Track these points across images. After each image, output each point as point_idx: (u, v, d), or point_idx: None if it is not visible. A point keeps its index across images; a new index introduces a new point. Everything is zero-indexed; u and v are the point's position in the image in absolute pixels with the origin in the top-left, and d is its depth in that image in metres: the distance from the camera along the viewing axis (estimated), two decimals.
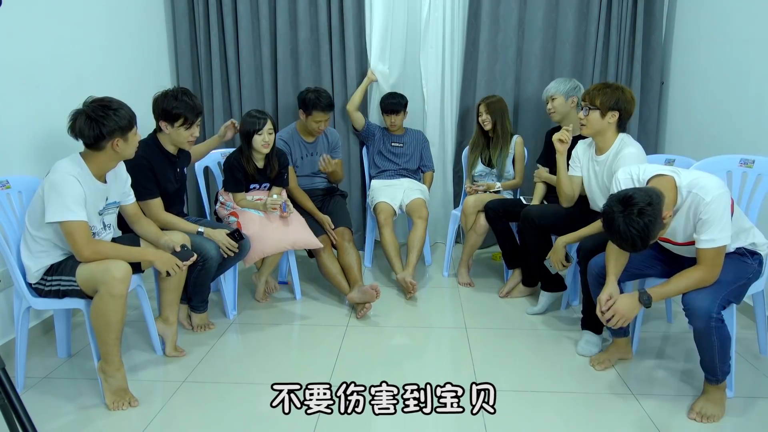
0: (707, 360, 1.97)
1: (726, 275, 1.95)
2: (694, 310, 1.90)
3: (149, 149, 2.48)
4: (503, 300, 3.08)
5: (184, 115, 2.47)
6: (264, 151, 2.85)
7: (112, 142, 2.03)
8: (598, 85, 2.52)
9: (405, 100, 3.55)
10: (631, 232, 1.75)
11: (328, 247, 3.03)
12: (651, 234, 1.76)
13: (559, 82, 3.07)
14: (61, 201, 1.95)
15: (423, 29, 3.68)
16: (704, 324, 1.88)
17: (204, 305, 2.71)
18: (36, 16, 2.48)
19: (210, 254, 2.48)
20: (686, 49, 3.41)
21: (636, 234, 1.75)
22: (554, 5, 3.60)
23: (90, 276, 2.01)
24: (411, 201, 3.36)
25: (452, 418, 1.97)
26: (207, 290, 2.68)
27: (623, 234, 1.77)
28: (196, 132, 2.55)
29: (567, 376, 2.29)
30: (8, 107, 2.33)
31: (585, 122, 2.52)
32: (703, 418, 1.97)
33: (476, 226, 3.19)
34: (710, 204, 1.87)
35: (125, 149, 2.09)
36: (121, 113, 2.03)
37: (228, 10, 3.60)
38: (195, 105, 2.50)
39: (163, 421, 1.99)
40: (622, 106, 2.46)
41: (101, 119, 1.98)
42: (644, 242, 1.77)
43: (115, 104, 2.05)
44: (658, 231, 1.80)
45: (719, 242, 1.89)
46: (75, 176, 1.99)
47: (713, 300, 1.89)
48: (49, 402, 2.10)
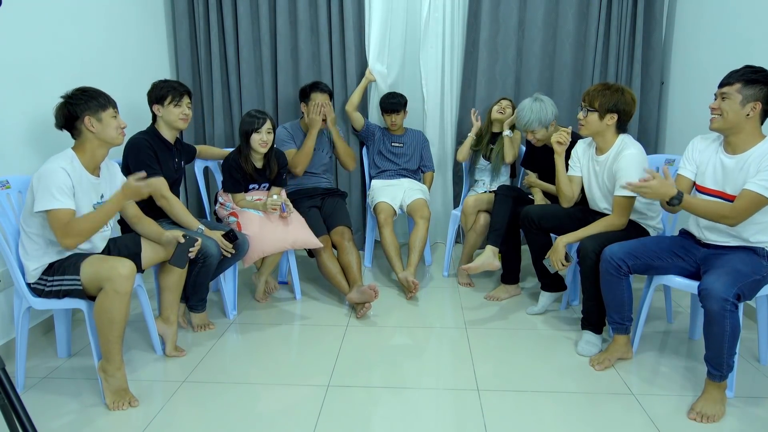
0: (715, 350, 1.95)
1: (744, 266, 1.98)
2: (710, 290, 1.90)
3: (149, 137, 2.60)
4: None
5: (171, 93, 2.61)
6: (262, 151, 2.85)
7: (85, 122, 2.06)
8: (598, 86, 2.51)
9: (404, 100, 3.55)
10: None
11: (328, 247, 3.04)
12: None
13: (533, 112, 2.87)
14: (46, 191, 1.96)
15: (423, 29, 3.68)
16: (719, 306, 1.88)
17: (202, 304, 2.71)
18: (36, 15, 2.48)
19: (211, 251, 2.49)
20: (686, 49, 3.41)
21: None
22: (554, 5, 3.61)
23: (95, 274, 2.01)
24: (412, 201, 3.36)
25: (452, 417, 1.97)
26: (205, 289, 2.68)
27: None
28: (186, 110, 2.67)
29: (567, 376, 2.29)
30: (8, 107, 2.33)
31: (584, 123, 2.52)
32: (703, 418, 1.96)
33: (476, 225, 3.20)
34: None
35: (102, 130, 2.09)
36: (92, 94, 2.09)
37: (228, 10, 3.60)
38: (179, 86, 2.67)
39: (163, 421, 1.99)
40: (622, 108, 2.46)
41: (71, 100, 2.06)
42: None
43: (90, 90, 2.10)
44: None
45: (764, 191, 1.96)
46: (63, 167, 2.00)
47: (730, 285, 1.90)
48: (49, 402, 2.10)
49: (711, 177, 2.19)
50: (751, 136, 2.06)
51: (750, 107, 2.02)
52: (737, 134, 2.08)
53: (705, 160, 2.22)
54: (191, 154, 2.97)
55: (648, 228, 2.58)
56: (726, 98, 2.07)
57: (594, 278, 2.39)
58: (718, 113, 2.10)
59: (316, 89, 3.24)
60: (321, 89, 3.25)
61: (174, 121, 2.64)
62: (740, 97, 2.03)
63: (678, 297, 3.05)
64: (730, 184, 2.11)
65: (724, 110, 2.07)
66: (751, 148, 2.05)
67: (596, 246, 2.36)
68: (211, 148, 3.17)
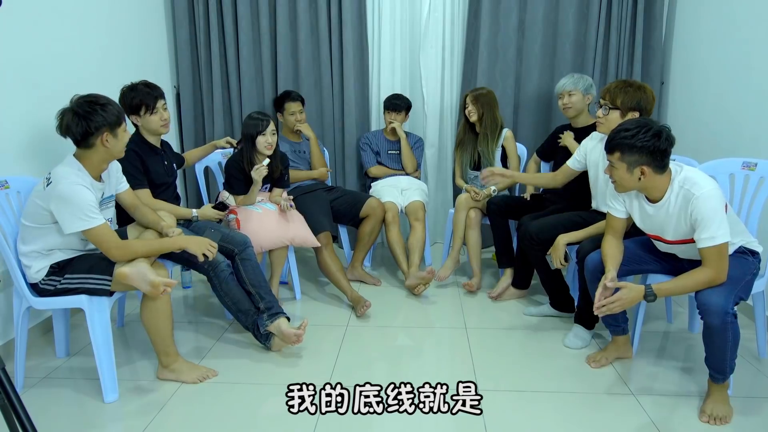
0: (718, 357, 1.94)
1: (734, 272, 1.96)
2: (709, 306, 1.88)
3: (135, 145, 2.50)
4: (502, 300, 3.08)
5: (144, 102, 2.49)
6: (267, 152, 2.85)
7: (101, 138, 2.03)
8: (619, 83, 2.42)
9: (409, 103, 3.55)
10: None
11: (329, 245, 3.04)
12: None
13: (575, 78, 3.00)
14: (79, 212, 1.96)
15: (423, 29, 3.68)
16: (720, 320, 1.86)
17: (274, 306, 2.45)
18: (36, 16, 2.48)
19: (216, 259, 2.37)
20: (686, 49, 3.41)
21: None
22: (554, 5, 3.60)
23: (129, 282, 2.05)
24: (410, 203, 3.36)
25: (452, 418, 1.97)
26: (259, 291, 2.45)
27: None
28: (165, 114, 2.56)
29: (567, 376, 2.28)
30: (7, 107, 2.33)
31: (603, 121, 2.45)
32: (716, 421, 1.94)
33: (469, 221, 3.18)
34: (700, 199, 1.89)
35: (115, 145, 2.07)
36: (109, 108, 2.03)
37: (228, 10, 3.60)
38: (152, 91, 2.52)
39: (163, 421, 1.98)
40: (644, 107, 2.38)
41: (88, 115, 1.99)
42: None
43: (102, 100, 2.05)
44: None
45: (719, 239, 1.89)
46: (82, 185, 1.99)
47: (728, 296, 1.88)
48: (49, 402, 2.10)
49: (642, 224, 2.16)
50: (658, 186, 2.01)
51: (638, 172, 1.97)
52: (645, 190, 2.05)
53: (628, 204, 2.18)
54: (180, 163, 2.97)
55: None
56: (613, 167, 2.03)
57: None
58: (612, 181, 2.07)
59: (288, 98, 3.33)
60: (293, 98, 3.34)
61: (155, 129, 2.56)
62: (625, 165, 1.98)
63: (678, 296, 3.05)
64: (661, 229, 2.08)
65: (616, 179, 2.04)
66: (665, 195, 2.01)
67: (594, 249, 2.35)
68: (195, 151, 3.16)
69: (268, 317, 2.40)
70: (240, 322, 2.48)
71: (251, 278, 2.47)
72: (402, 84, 3.81)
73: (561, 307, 2.82)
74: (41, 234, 2.06)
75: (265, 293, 2.45)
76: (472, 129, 3.34)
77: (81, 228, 1.98)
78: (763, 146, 2.68)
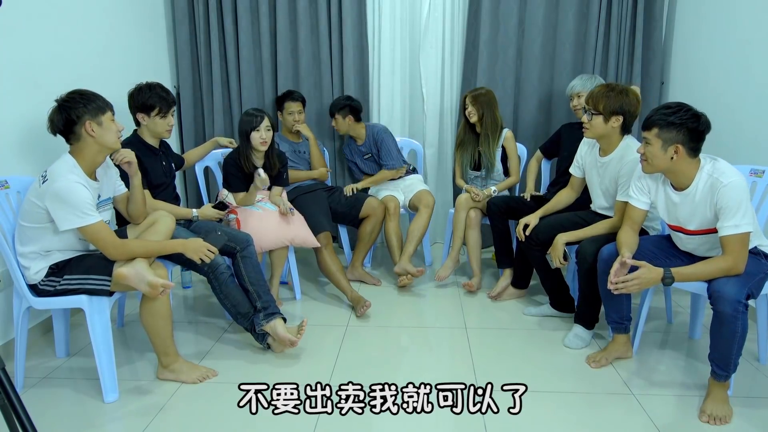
0: (724, 351, 1.94)
1: (749, 267, 1.97)
2: (722, 293, 1.88)
3: (133, 146, 2.45)
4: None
5: (159, 105, 2.53)
6: (262, 149, 2.85)
7: (85, 127, 2.01)
8: (602, 87, 2.46)
9: (342, 103, 3.38)
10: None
11: (329, 245, 3.04)
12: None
13: (585, 79, 3.06)
14: (76, 209, 1.96)
15: (423, 29, 3.68)
16: (732, 309, 1.86)
17: (270, 306, 2.44)
18: (36, 16, 2.48)
19: (216, 261, 2.36)
20: (686, 49, 3.41)
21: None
22: (554, 5, 3.60)
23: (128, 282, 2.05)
24: (417, 192, 3.35)
25: (452, 418, 1.97)
26: (246, 297, 2.45)
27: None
28: (172, 120, 2.61)
29: (567, 376, 2.28)
30: (7, 107, 2.33)
31: (588, 126, 2.49)
32: (716, 420, 1.94)
33: (469, 221, 3.18)
34: (728, 187, 1.91)
35: (102, 134, 2.04)
36: (89, 97, 2.04)
37: (228, 10, 3.60)
38: (168, 96, 2.58)
39: (163, 421, 1.98)
40: (627, 110, 2.42)
41: (68, 104, 2.01)
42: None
43: (84, 92, 2.06)
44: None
45: (743, 228, 1.90)
46: (77, 182, 1.98)
47: (741, 287, 1.89)
48: (49, 402, 2.10)
49: (665, 214, 2.17)
50: (687, 172, 2.03)
51: (672, 150, 1.98)
52: (673, 174, 2.06)
53: (653, 192, 2.19)
54: (179, 164, 2.97)
55: (648, 229, 2.58)
56: (647, 143, 2.03)
57: (590, 280, 2.40)
58: (644, 158, 2.08)
59: (288, 98, 3.34)
60: (294, 98, 3.34)
61: (161, 133, 2.59)
62: (660, 142, 1.99)
63: (678, 297, 3.05)
64: (685, 219, 2.10)
65: (647, 156, 2.05)
66: (692, 183, 2.03)
67: (594, 249, 2.36)
68: (195, 150, 3.20)
69: (264, 317, 2.40)
70: (239, 324, 2.48)
71: (250, 276, 2.47)
72: (402, 84, 3.81)
73: (561, 307, 2.82)
74: (39, 234, 2.06)
75: (263, 292, 2.45)
76: (472, 129, 3.34)
77: (77, 225, 1.97)
78: (763, 146, 2.68)
